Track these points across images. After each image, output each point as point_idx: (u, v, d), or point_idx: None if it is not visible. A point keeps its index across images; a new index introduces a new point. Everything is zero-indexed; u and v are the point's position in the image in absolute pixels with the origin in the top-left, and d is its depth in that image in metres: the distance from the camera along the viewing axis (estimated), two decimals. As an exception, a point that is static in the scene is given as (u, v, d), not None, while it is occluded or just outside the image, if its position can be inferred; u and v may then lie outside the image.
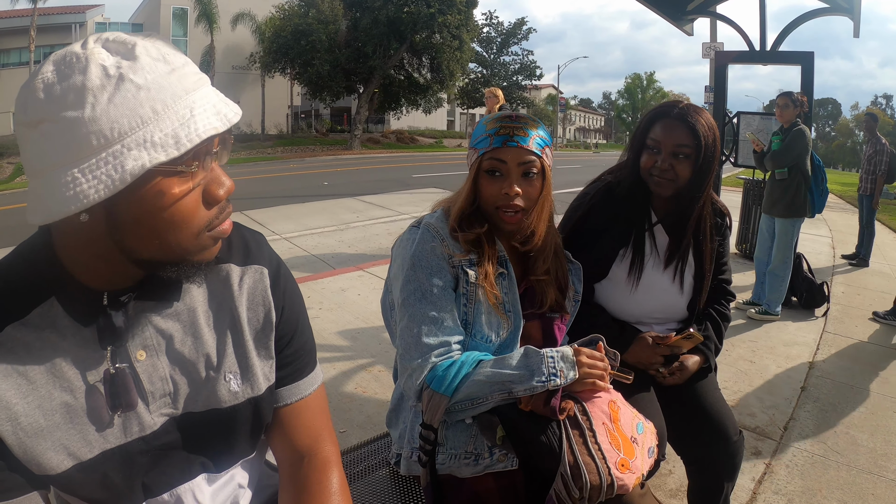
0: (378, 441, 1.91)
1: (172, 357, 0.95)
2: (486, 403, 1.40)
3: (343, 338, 4.34)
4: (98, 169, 0.72)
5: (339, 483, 1.08)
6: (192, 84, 0.79)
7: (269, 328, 1.05)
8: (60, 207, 0.72)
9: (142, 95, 0.73)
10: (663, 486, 2.60)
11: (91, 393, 0.87)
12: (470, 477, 1.42)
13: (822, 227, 9.84)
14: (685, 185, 1.82)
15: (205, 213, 0.84)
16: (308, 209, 10.59)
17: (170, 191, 0.78)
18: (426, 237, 1.51)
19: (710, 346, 1.96)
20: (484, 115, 7.54)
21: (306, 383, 1.12)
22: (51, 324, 0.85)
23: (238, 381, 1.00)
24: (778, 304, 4.97)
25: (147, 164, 0.72)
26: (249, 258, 1.05)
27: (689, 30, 7.25)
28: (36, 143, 0.73)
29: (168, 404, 0.94)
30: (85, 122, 0.71)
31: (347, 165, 23.19)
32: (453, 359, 1.43)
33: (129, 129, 0.73)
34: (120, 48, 0.75)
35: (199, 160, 0.80)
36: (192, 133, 0.75)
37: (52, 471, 0.85)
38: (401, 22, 32.55)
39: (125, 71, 0.73)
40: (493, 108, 6.70)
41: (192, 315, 0.97)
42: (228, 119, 0.81)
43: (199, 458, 1.00)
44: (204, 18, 36.59)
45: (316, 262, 6.59)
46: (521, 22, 48.22)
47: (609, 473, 1.29)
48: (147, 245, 0.81)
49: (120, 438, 0.90)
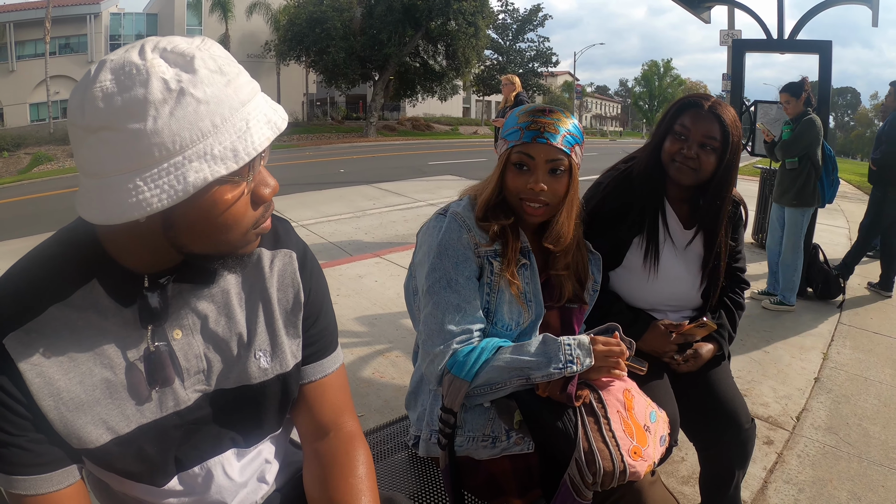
0: (396, 424, 1.96)
1: (207, 336, 1.00)
2: (505, 388, 1.44)
3: (361, 324, 4.39)
4: (160, 179, 0.75)
5: (366, 456, 1.14)
6: (247, 95, 0.82)
7: (297, 308, 1.10)
8: (123, 213, 0.75)
9: (202, 109, 0.76)
10: (675, 472, 2.64)
11: (131, 370, 0.93)
12: (487, 459, 1.47)
13: (838, 217, 9.74)
14: (707, 177, 1.85)
15: (252, 213, 0.89)
16: (325, 196, 10.66)
17: (224, 197, 0.83)
18: (453, 226, 1.55)
19: (724, 335, 1.98)
20: (500, 102, 7.53)
21: (330, 361, 1.18)
22: (93, 304, 0.90)
23: (268, 358, 1.06)
24: (793, 294, 4.95)
25: (209, 178, 0.77)
26: (279, 243, 1.10)
27: (707, 17, 7.18)
28: (94, 147, 0.76)
29: (202, 381, 1.00)
30: (147, 133, 0.74)
31: (363, 153, 23.23)
32: (474, 345, 1.47)
33: (190, 142, 0.76)
34: (179, 60, 0.78)
35: (251, 167, 0.84)
36: (249, 146, 0.80)
37: (91, 444, 0.90)
38: (416, 9, 32.38)
39: (185, 85, 0.76)
40: (509, 95, 6.70)
41: (225, 296, 1.02)
42: (278, 126, 0.85)
43: (230, 433, 1.06)
44: (218, 7, 36.62)
45: (333, 249, 6.66)
46: (536, 8, 47.71)
47: (622, 460, 1.32)
48: (199, 243, 0.87)
49: (155, 413, 0.96)
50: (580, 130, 1.56)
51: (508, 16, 47.92)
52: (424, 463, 1.71)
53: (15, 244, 7.39)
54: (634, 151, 2.07)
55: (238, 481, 1.09)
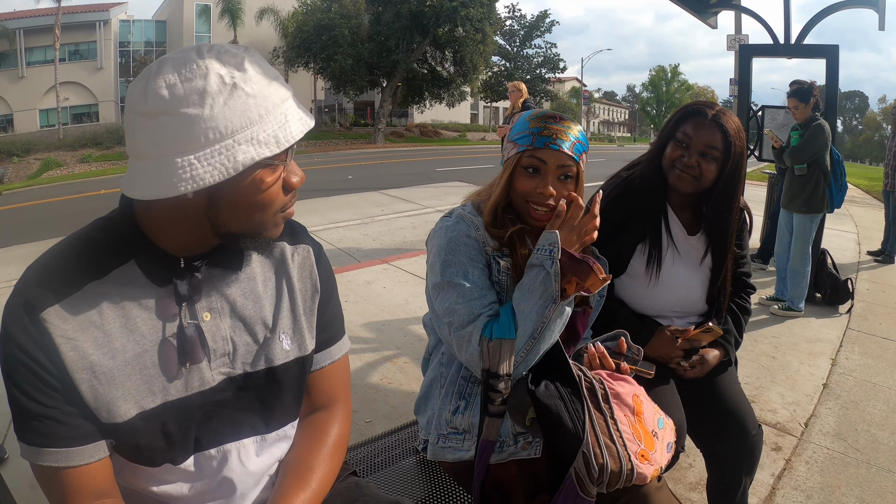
0: (405, 430, 1.97)
1: (234, 319, 1.08)
2: (548, 328, 1.45)
3: (369, 330, 4.41)
4: (213, 158, 0.86)
5: (340, 432, 1.26)
6: (284, 95, 0.94)
7: (315, 297, 1.21)
8: (177, 185, 0.85)
9: (250, 102, 0.89)
10: (683, 479, 2.64)
11: (164, 345, 1.00)
12: (494, 463, 1.48)
13: (847, 222, 9.70)
14: (708, 185, 1.86)
15: (283, 197, 1.00)
16: (333, 203, 10.71)
17: (265, 179, 0.94)
18: (461, 224, 1.57)
19: (730, 340, 1.99)
20: (507, 108, 7.55)
21: (338, 348, 1.29)
22: (129, 282, 0.98)
23: (289, 340, 1.14)
24: (801, 300, 4.94)
25: (256, 158, 0.88)
26: (297, 239, 1.22)
27: (714, 23, 7.17)
28: (152, 131, 0.86)
29: (227, 363, 1.07)
30: (204, 118, 0.86)
31: (371, 159, 23.31)
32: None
33: (240, 128, 0.88)
34: (231, 60, 0.90)
35: (287, 155, 0.96)
36: (289, 134, 0.92)
37: (120, 418, 0.96)
38: (423, 15, 32.53)
39: (238, 80, 0.88)
40: (516, 102, 6.73)
41: (252, 283, 1.11)
42: (308, 123, 0.97)
43: (250, 419, 1.12)
44: (227, 14, 36.85)
45: (341, 256, 6.68)
46: (544, 14, 47.83)
47: (629, 460, 1.33)
48: (236, 220, 0.97)
49: (181, 392, 1.02)
50: (586, 138, 1.59)
51: (516, 22, 48.11)
52: (433, 467, 1.72)
53: (24, 249, 7.45)
54: (637, 158, 2.08)
55: (252, 471, 1.13)
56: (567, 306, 1.47)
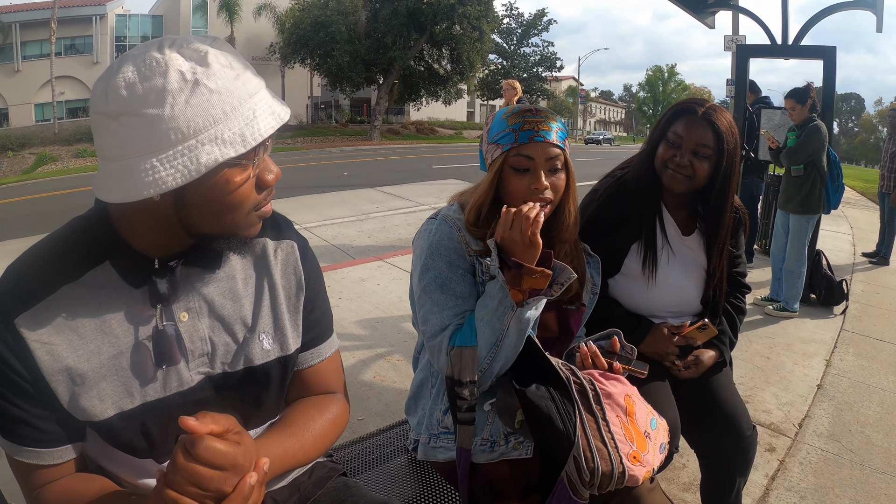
0: (396, 428, 1.96)
1: (212, 319, 1.06)
2: (508, 336, 1.41)
3: (362, 327, 4.39)
4: (175, 160, 0.82)
5: (340, 410, 1.24)
6: (254, 88, 0.90)
7: (300, 294, 1.17)
8: (140, 190, 0.82)
9: (214, 98, 0.84)
10: (676, 479, 2.63)
11: (138, 348, 0.98)
12: (485, 463, 1.47)
13: (842, 224, 9.73)
14: (701, 183, 1.84)
15: (256, 196, 0.96)
16: (328, 199, 10.68)
17: (233, 179, 0.90)
18: (443, 227, 1.56)
19: (725, 340, 1.98)
20: (502, 107, 7.54)
21: (326, 346, 1.26)
22: (104, 284, 0.96)
23: (270, 340, 1.12)
24: (796, 300, 4.94)
25: (220, 159, 0.84)
26: (281, 234, 1.18)
27: (711, 23, 7.17)
28: (115, 132, 0.83)
29: (205, 364, 1.05)
30: (164, 119, 0.82)
31: (367, 156, 23.27)
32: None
33: (203, 127, 0.84)
34: (194, 55, 0.85)
35: (256, 153, 0.91)
36: (256, 132, 0.87)
37: (96, 417, 0.96)
38: (420, 13, 32.52)
39: (200, 76, 0.84)
40: (511, 99, 6.71)
41: (231, 282, 1.08)
42: (281, 118, 0.92)
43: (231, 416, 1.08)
44: (224, 10, 36.75)
45: (336, 252, 6.66)
46: (541, 13, 47.88)
47: (621, 462, 1.32)
48: (207, 222, 0.93)
49: (160, 392, 1.01)
50: (564, 124, 1.59)
51: (513, 20, 48.17)
52: (424, 467, 1.71)
53: (18, 244, 7.40)
54: (631, 157, 2.06)
55: None
56: (529, 311, 1.41)
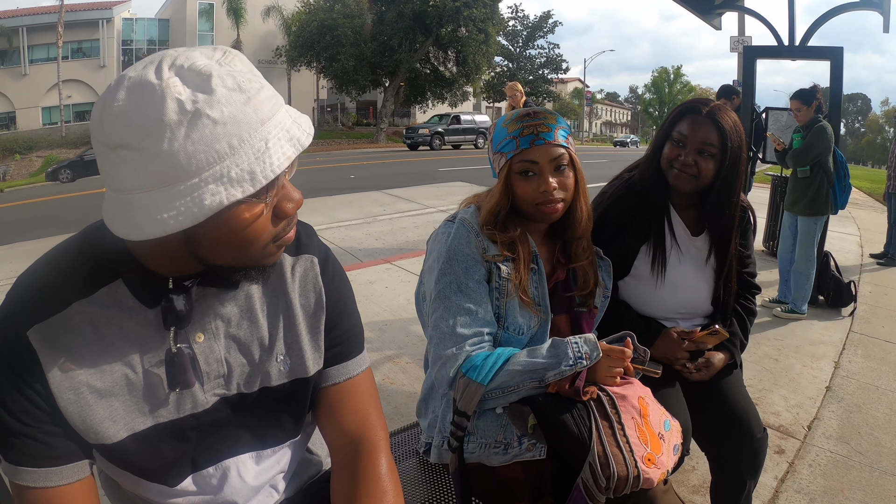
0: (406, 431, 1.96)
1: (229, 340, 1.00)
2: (518, 392, 1.45)
3: (371, 330, 4.39)
4: (177, 200, 0.75)
5: (388, 466, 1.12)
6: (268, 112, 0.80)
7: (319, 312, 1.10)
8: (142, 231, 0.76)
9: (218, 130, 0.75)
10: (686, 481, 2.63)
11: (151, 370, 0.93)
12: (499, 465, 1.47)
13: (850, 225, 9.67)
14: (707, 183, 1.85)
15: (273, 228, 0.88)
16: (335, 202, 10.68)
17: (243, 216, 0.81)
18: (461, 232, 1.56)
19: (736, 343, 1.97)
20: (507, 109, 7.52)
21: (354, 364, 1.17)
22: (116, 303, 0.91)
23: (288, 362, 1.06)
24: (804, 302, 4.92)
25: (225, 202, 0.76)
26: (300, 248, 1.11)
27: (717, 24, 7.16)
28: (115, 165, 0.76)
29: (221, 385, 1.00)
30: (163, 155, 0.73)
31: (373, 159, 23.28)
32: (485, 349, 1.48)
33: (207, 164, 0.75)
34: (195, 78, 0.76)
35: (272, 187, 0.83)
36: (267, 168, 0.78)
37: (108, 440, 0.91)
38: (426, 15, 32.57)
39: (201, 106, 0.74)
40: (517, 102, 6.69)
41: (248, 301, 1.02)
42: (301, 143, 0.83)
43: (247, 436, 1.06)
44: (231, 13, 36.87)
45: (343, 255, 6.66)
46: (547, 15, 47.90)
47: (636, 466, 1.32)
48: (220, 257, 0.87)
49: (173, 414, 0.96)
50: (565, 122, 1.60)
51: (518, 22, 48.19)
52: (435, 469, 1.72)
53: (26, 246, 7.46)
54: (639, 159, 2.07)
55: (252, 485, 1.09)
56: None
